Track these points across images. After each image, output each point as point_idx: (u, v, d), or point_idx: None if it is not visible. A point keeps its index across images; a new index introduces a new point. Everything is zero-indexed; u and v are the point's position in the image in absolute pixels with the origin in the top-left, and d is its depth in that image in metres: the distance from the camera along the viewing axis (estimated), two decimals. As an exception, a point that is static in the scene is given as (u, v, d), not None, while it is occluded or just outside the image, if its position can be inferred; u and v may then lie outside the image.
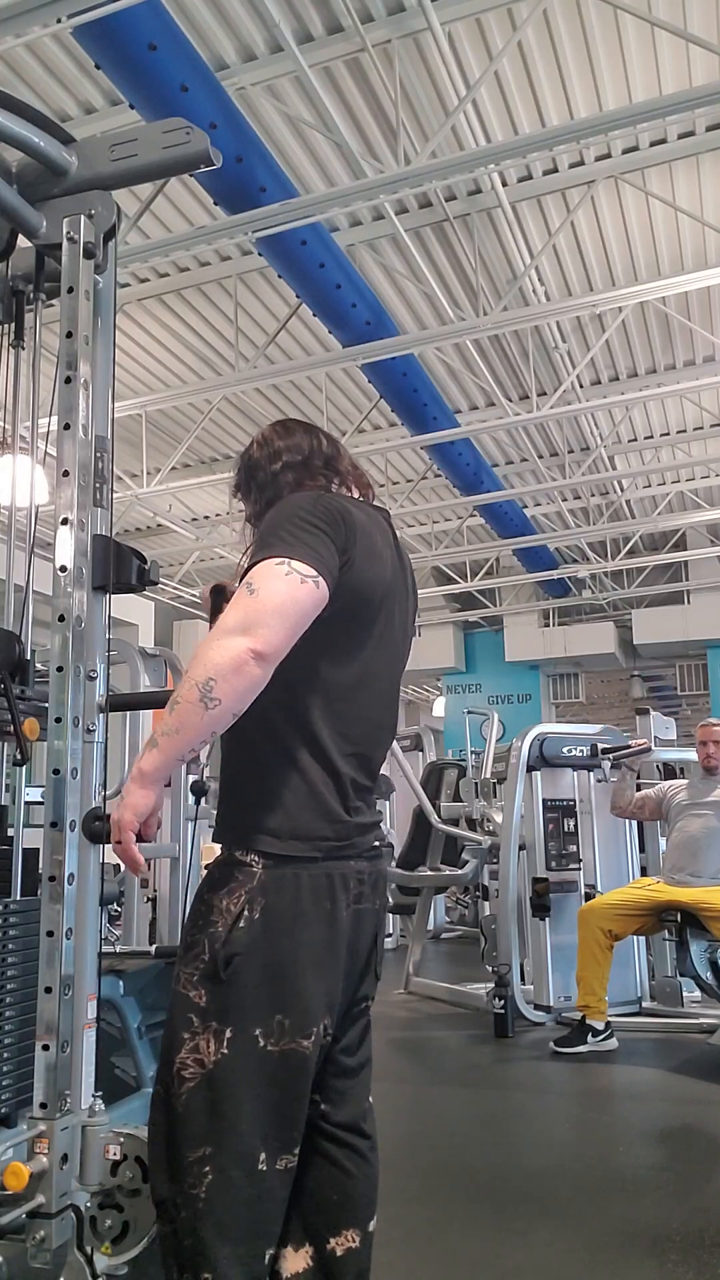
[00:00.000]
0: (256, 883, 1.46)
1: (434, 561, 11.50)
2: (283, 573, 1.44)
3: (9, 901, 1.95)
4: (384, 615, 1.64)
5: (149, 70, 3.93)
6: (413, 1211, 2.64)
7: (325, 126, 4.79)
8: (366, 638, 1.61)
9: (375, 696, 1.65)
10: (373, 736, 1.65)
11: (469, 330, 6.05)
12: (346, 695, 1.59)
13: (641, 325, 7.49)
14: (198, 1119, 1.42)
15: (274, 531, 1.50)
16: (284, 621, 1.42)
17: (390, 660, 1.69)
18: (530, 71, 4.97)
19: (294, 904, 1.47)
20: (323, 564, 1.48)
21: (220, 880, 1.49)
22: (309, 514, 1.53)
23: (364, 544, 1.58)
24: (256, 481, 1.74)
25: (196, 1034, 1.44)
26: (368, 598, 1.59)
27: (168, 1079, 1.46)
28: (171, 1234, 1.41)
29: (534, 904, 5.14)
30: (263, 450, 1.75)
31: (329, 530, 1.52)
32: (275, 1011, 1.44)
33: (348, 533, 1.55)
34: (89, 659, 1.80)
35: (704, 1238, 2.44)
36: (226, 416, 8.75)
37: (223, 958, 1.44)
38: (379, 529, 1.68)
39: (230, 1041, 1.43)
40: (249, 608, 1.42)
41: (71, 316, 1.88)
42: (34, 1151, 1.61)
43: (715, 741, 4.75)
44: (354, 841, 1.56)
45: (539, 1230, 2.52)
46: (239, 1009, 1.44)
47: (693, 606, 12.15)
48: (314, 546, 1.48)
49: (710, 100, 4.03)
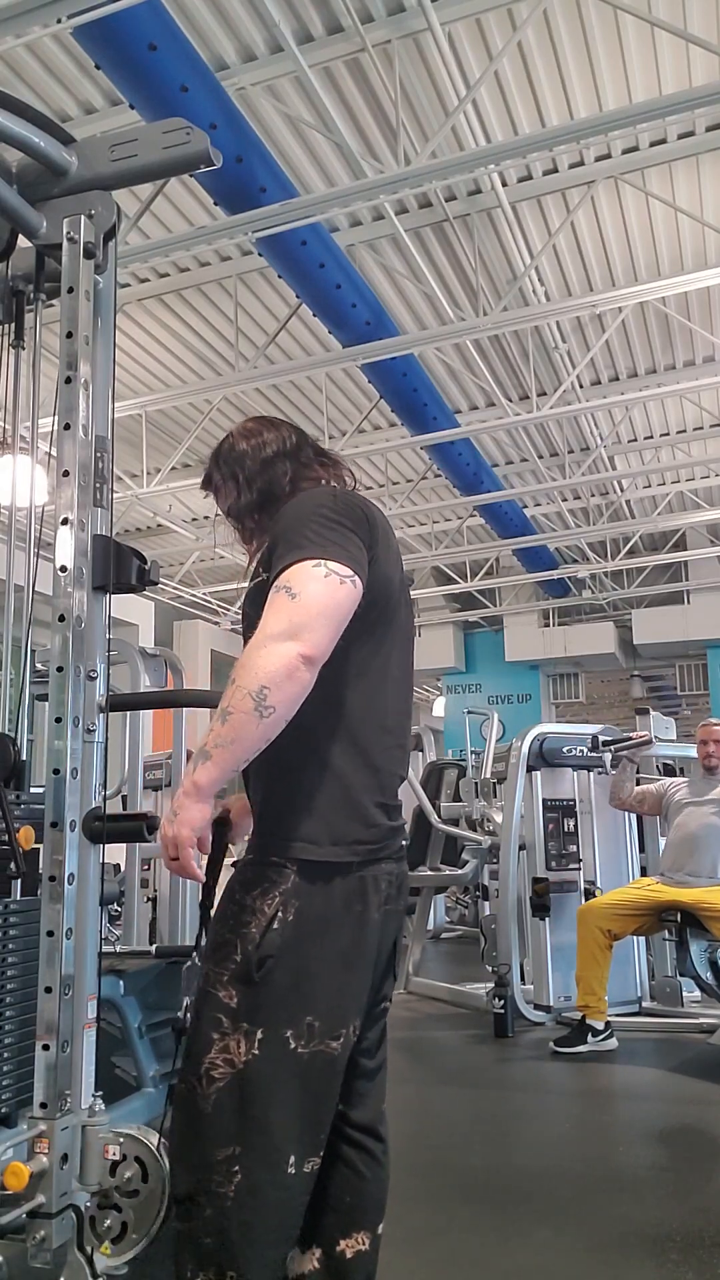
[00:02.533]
0: (291, 885, 1.45)
1: (434, 561, 11.51)
2: (321, 574, 1.42)
3: (9, 901, 1.95)
4: (403, 609, 1.66)
5: (149, 70, 3.93)
6: (413, 1211, 2.64)
7: (325, 127, 4.79)
8: (390, 632, 1.61)
9: (403, 689, 1.65)
10: (405, 728, 1.65)
11: (469, 330, 6.05)
12: (379, 688, 1.58)
13: (641, 325, 7.49)
14: (227, 1119, 1.41)
15: (300, 531, 1.48)
16: (328, 624, 1.41)
17: (407, 653, 1.69)
18: (530, 72, 4.97)
19: (327, 907, 1.46)
20: (356, 563, 1.47)
21: (254, 880, 1.47)
22: (334, 511, 1.52)
23: (384, 539, 1.58)
24: (244, 472, 1.71)
25: (226, 1034, 1.43)
26: (389, 593, 1.59)
27: (194, 1078, 1.44)
28: (190, 1231, 1.41)
29: (534, 904, 5.14)
30: (249, 441, 1.73)
31: (355, 528, 1.51)
32: (306, 1013, 1.44)
33: (370, 529, 1.55)
34: (89, 659, 1.80)
35: (704, 1238, 2.44)
36: (226, 416, 8.74)
37: (256, 959, 1.43)
38: (387, 523, 1.68)
39: (261, 1043, 1.42)
40: (293, 612, 1.39)
41: (72, 317, 1.88)
42: (34, 1151, 1.61)
43: (716, 741, 4.75)
44: (386, 844, 1.55)
45: (539, 1230, 2.52)
46: (270, 1010, 1.43)
47: (693, 606, 12.16)
48: (345, 545, 1.47)
49: (710, 100, 4.03)
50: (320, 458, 1.74)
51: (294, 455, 1.71)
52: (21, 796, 1.98)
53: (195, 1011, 1.49)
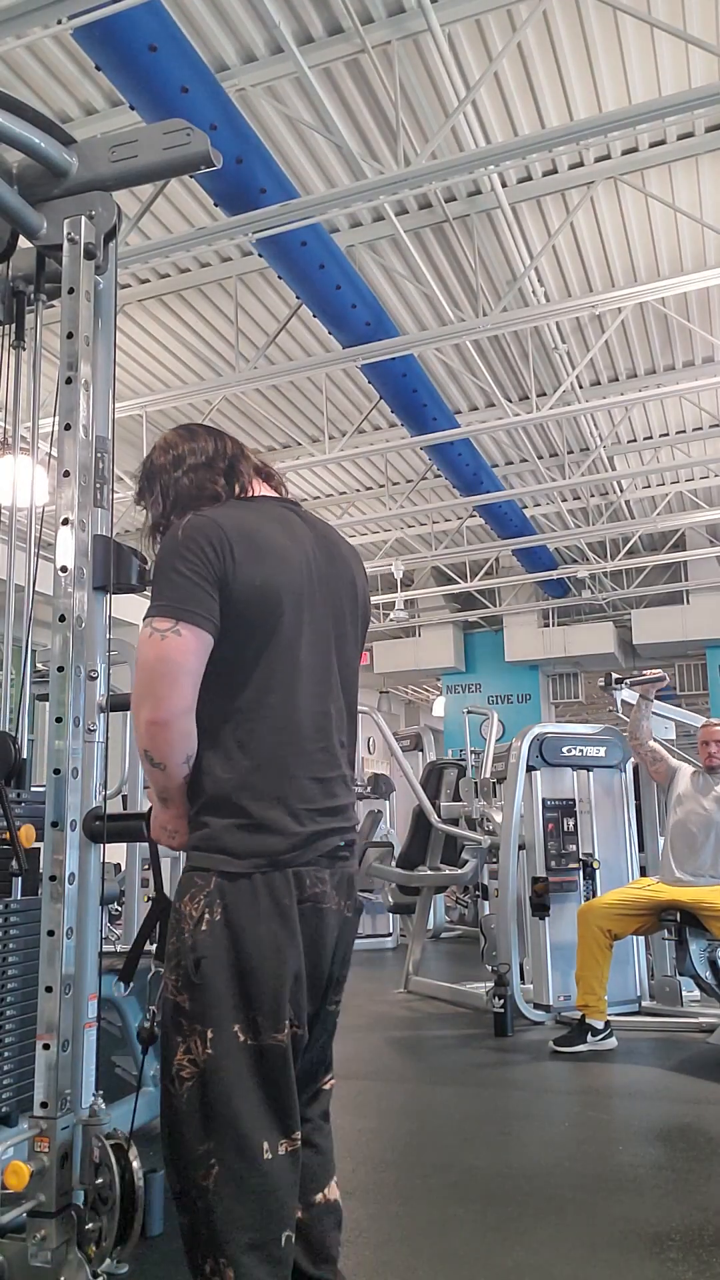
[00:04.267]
0: (214, 887, 1.53)
1: (434, 561, 11.51)
2: (146, 636, 1.53)
3: (10, 901, 1.95)
4: (295, 609, 1.62)
5: (149, 71, 3.93)
6: (413, 1211, 2.65)
7: (325, 128, 4.79)
8: (280, 634, 1.60)
9: (322, 687, 1.66)
10: (328, 727, 1.66)
11: (469, 331, 6.05)
12: (286, 693, 1.60)
13: (641, 326, 7.49)
14: (197, 1116, 1.49)
15: (153, 584, 1.60)
16: (163, 681, 1.52)
17: (325, 650, 1.68)
18: (530, 72, 4.98)
19: (251, 905, 1.52)
20: (184, 611, 1.52)
21: (184, 887, 1.57)
22: (175, 557, 1.56)
23: (250, 550, 1.58)
24: (161, 485, 1.74)
25: (186, 1036, 1.51)
26: (266, 598, 1.59)
27: (169, 1080, 1.52)
28: (190, 1225, 1.49)
29: (534, 904, 5.15)
30: (166, 455, 1.76)
31: (197, 564, 1.54)
32: (247, 1009, 1.51)
33: (220, 550, 1.56)
34: (89, 659, 1.80)
35: (703, 1236, 2.44)
36: (226, 417, 8.75)
37: (192, 961, 1.51)
38: (281, 523, 1.68)
39: (213, 1041, 1.50)
40: (137, 683, 1.55)
41: (72, 317, 1.88)
42: (34, 1150, 1.61)
43: (717, 741, 4.75)
44: (306, 849, 1.58)
45: (539, 1230, 2.52)
46: (216, 1009, 1.50)
47: (692, 606, 12.16)
48: (171, 596, 1.53)
49: (709, 101, 4.04)
50: (230, 471, 1.73)
51: (205, 466, 1.72)
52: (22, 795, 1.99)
53: (162, 1018, 1.56)
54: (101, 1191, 1.61)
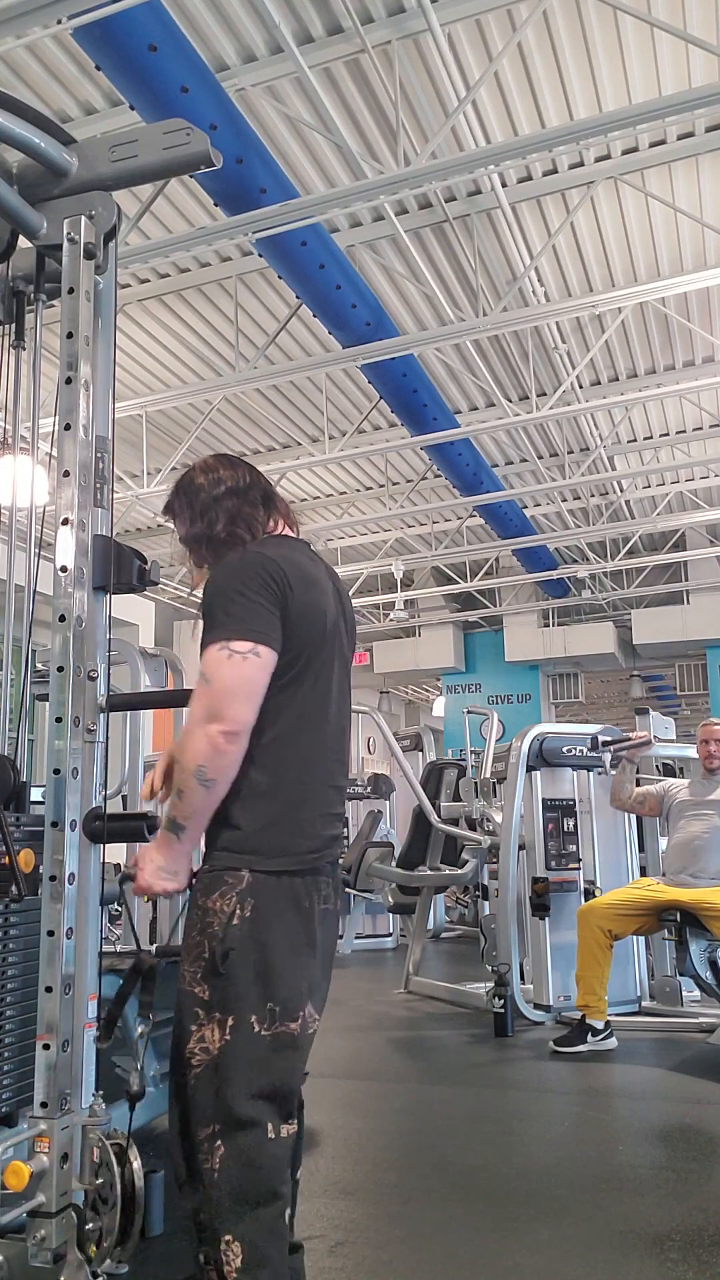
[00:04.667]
0: (246, 885, 1.65)
1: (434, 561, 11.51)
2: (224, 658, 1.64)
3: (9, 901, 1.95)
4: (335, 637, 1.83)
5: (149, 71, 3.93)
6: (413, 1211, 2.65)
7: (325, 127, 4.79)
8: (320, 659, 1.78)
9: (342, 705, 1.85)
10: (344, 742, 1.87)
11: (469, 331, 6.05)
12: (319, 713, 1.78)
13: (641, 326, 7.49)
14: (206, 1100, 1.59)
15: (214, 611, 1.69)
16: (239, 698, 1.64)
17: (345, 671, 1.88)
18: (530, 72, 4.98)
19: (279, 903, 1.66)
20: (258, 634, 1.66)
21: (212, 885, 1.67)
22: (241, 583, 1.69)
23: (300, 584, 1.74)
24: (198, 504, 1.86)
25: (202, 1025, 1.61)
26: (312, 627, 1.76)
27: (180, 1068, 1.62)
28: (194, 1210, 1.58)
29: (534, 904, 5.14)
30: (207, 476, 1.88)
31: (261, 593, 1.69)
32: (267, 1000, 1.63)
33: (279, 584, 1.71)
34: (89, 659, 1.80)
35: (704, 1236, 2.44)
36: (226, 417, 8.75)
37: (220, 953, 1.62)
38: (312, 561, 1.85)
39: (231, 1029, 1.60)
40: (209, 698, 1.64)
41: (72, 317, 1.88)
42: (34, 1151, 1.61)
43: (717, 740, 4.75)
44: (325, 852, 1.76)
45: (539, 1230, 2.52)
46: (238, 999, 1.61)
47: (692, 606, 12.16)
48: (247, 620, 1.66)
49: (710, 101, 4.03)
50: (266, 501, 1.89)
51: (244, 494, 1.87)
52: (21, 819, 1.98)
53: (176, 1010, 1.65)
54: (102, 1192, 1.61)
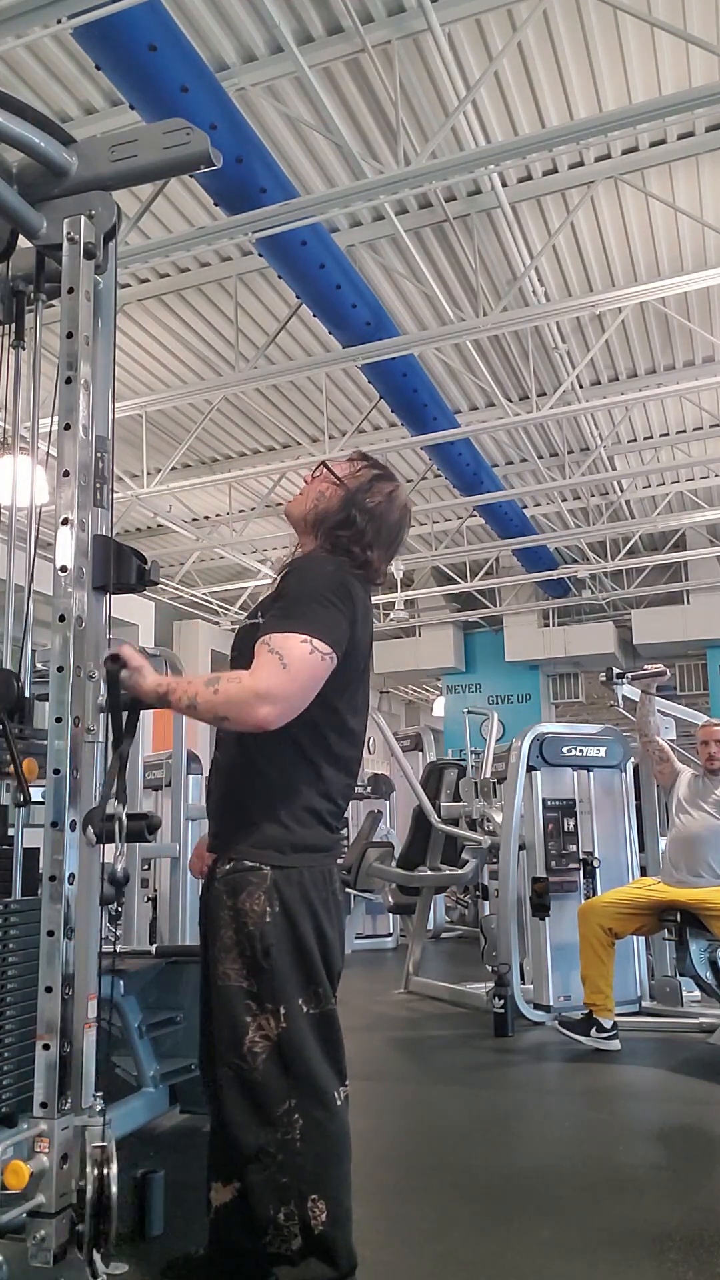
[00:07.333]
0: (270, 881, 1.79)
1: (434, 561, 11.51)
2: (307, 650, 1.76)
3: (9, 901, 1.95)
4: (368, 658, 1.98)
5: (149, 71, 3.93)
6: (413, 1211, 2.64)
7: (325, 127, 4.79)
8: (359, 678, 1.94)
9: (363, 716, 1.99)
10: (361, 747, 2.01)
11: (469, 330, 6.05)
12: (350, 723, 1.92)
13: (641, 326, 7.49)
14: (277, 1080, 1.75)
15: (302, 605, 1.81)
16: (302, 691, 1.77)
17: (368, 687, 2.02)
18: (530, 72, 4.98)
19: (303, 895, 1.81)
20: (337, 641, 1.81)
21: (239, 885, 1.80)
22: (333, 593, 1.84)
23: (363, 611, 1.91)
24: (363, 506, 1.97)
25: (257, 1015, 1.77)
26: (360, 650, 1.91)
27: (238, 1059, 1.76)
28: (267, 1180, 1.72)
29: (534, 904, 5.14)
30: (390, 502, 1.99)
31: (343, 607, 1.84)
32: (309, 983, 1.80)
33: (353, 606, 1.87)
34: (89, 659, 1.80)
35: (704, 1237, 2.44)
36: (226, 417, 8.75)
37: (261, 949, 1.77)
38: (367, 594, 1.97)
39: (286, 1015, 1.77)
40: (281, 681, 1.72)
41: (72, 317, 1.88)
42: (34, 1151, 1.61)
43: (717, 741, 4.74)
44: (332, 851, 1.91)
45: (539, 1230, 2.52)
46: (284, 988, 1.78)
47: (692, 606, 12.16)
48: (331, 624, 1.81)
49: (710, 101, 4.03)
50: (388, 553, 2.05)
51: (387, 536, 2.01)
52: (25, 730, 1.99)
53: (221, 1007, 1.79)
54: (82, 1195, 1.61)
